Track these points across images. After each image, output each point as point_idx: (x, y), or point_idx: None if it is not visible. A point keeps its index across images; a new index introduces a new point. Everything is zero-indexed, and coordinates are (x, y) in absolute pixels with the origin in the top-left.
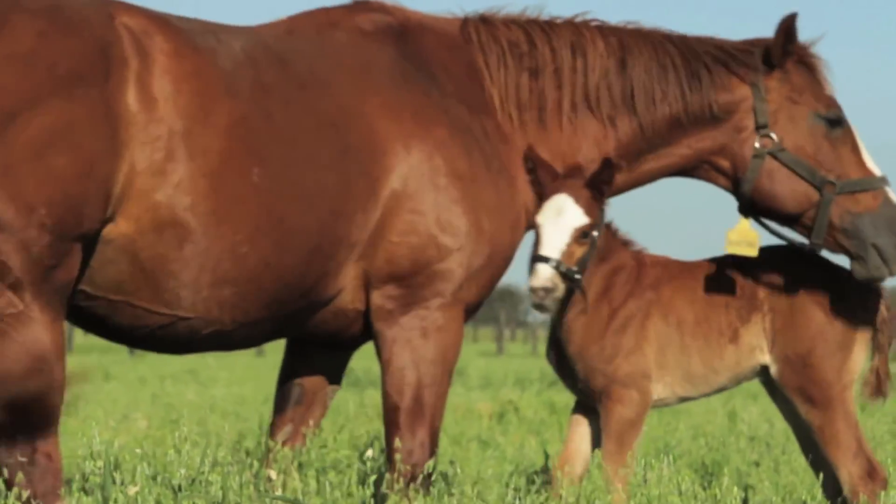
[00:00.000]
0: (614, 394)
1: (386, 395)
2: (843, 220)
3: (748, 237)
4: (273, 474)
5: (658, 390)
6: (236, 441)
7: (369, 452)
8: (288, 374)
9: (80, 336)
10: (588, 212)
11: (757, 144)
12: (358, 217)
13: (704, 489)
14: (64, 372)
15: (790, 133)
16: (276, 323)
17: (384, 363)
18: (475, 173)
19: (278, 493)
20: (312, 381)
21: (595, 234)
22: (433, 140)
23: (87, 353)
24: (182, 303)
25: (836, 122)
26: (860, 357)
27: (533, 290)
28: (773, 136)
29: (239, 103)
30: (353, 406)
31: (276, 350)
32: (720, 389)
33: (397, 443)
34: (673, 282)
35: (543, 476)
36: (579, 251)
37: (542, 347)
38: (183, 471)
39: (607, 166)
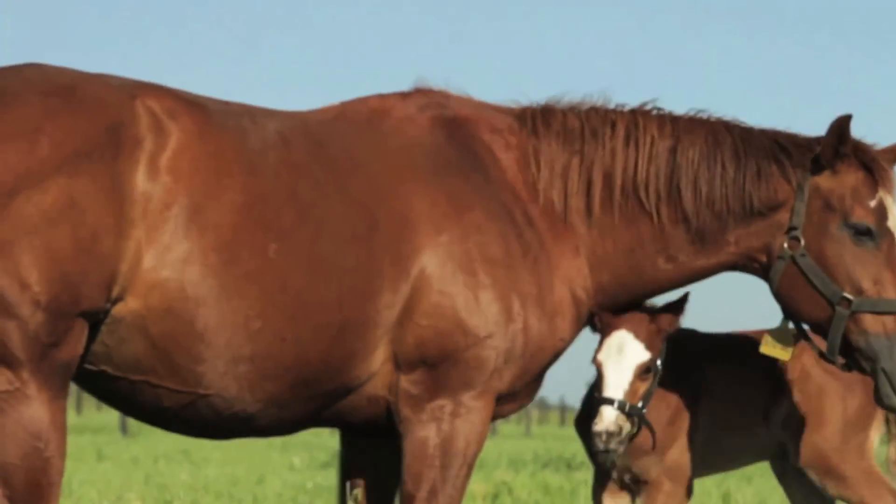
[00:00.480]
0: (663, 485)
1: (403, 482)
2: (858, 339)
3: (784, 341)
4: None
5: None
6: None
7: None
8: (346, 469)
9: (72, 416)
10: (649, 345)
11: (785, 245)
12: (385, 296)
13: None
14: (63, 449)
15: (816, 239)
16: (307, 405)
17: (404, 449)
18: (511, 259)
19: None
20: (372, 476)
21: (658, 363)
22: (467, 223)
23: (80, 433)
24: (200, 380)
25: (866, 232)
26: (878, 430)
27: (597, 435)
28: (801, 239)
29: (259, 181)
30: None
31: None
32: (744, 465)
33: None
34: (712, 361)
35: None
36: (643, 387)
37: (536, 428)
38: None
39: (681, 303)
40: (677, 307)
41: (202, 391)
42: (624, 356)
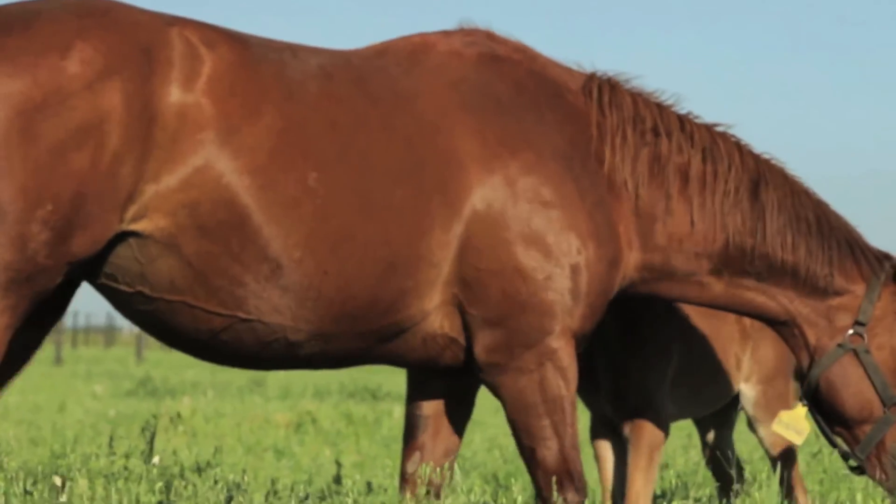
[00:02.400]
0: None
1: (517, 437)
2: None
3: (799, 425)
4: (58, 481)
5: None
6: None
7: (156, 459)
8: (410, 402)
9: None
10: None
11: (848, 335)
12: (436, 234)
13: (495, 500)
14: None
15: (882, 341)
16: (356, 342)
17: (504, 404)
18: (566, 201)
19: (63, 499)
20: (433, 407)
21: None
22: (519, 163)
23: None
24: (240, 304)
25: None
26: None
27: None
28: (865, 336)
29: (299, 108)
30: (149, 415)
31: (73, 359)
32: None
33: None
34: (687, 311)
35: (335, 486)
36: None
37: None
38: None
39: None
40: None
41: (242, 315)
42: None
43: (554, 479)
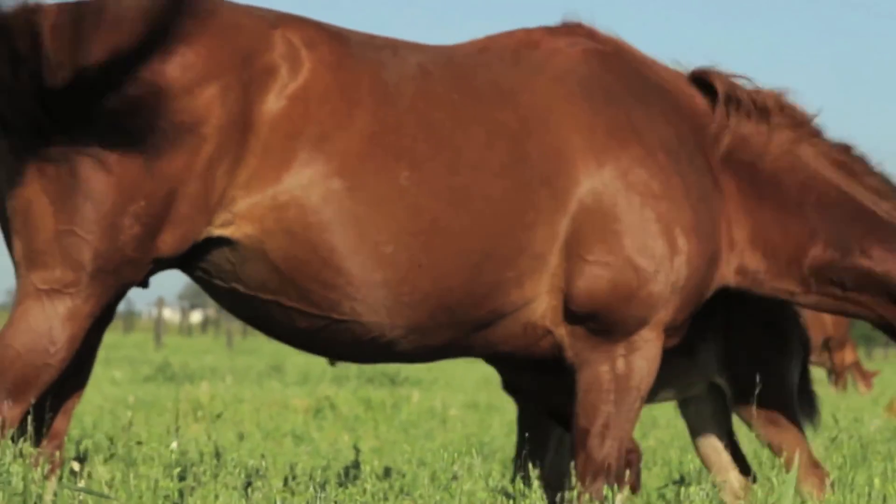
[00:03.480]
0: None
1: (576, 416)
2: None
3: None
4: (76, 465)
5: None
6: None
7: (174, 445)
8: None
9: None
10: None
11: None
12: (540, 227)
13: (513, 484)
14: (63, 364)
15: None
16: (453, 332)
17: (579, 384)
18: (673, 194)
19: (81, 484)
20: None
21: None
22: (629, 157)
23: None
24: (334, 306)
25: None
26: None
27: None
28: None
29: (393, 112)
30: (168, 401)
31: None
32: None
33: (581, 464)
34: None
35: (354, 471)
36: None
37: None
38: None
39: None
40: None
41: (336, 316)
42: None
43: (591, 466)
